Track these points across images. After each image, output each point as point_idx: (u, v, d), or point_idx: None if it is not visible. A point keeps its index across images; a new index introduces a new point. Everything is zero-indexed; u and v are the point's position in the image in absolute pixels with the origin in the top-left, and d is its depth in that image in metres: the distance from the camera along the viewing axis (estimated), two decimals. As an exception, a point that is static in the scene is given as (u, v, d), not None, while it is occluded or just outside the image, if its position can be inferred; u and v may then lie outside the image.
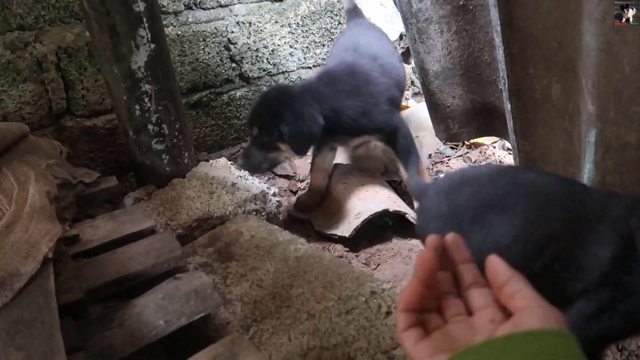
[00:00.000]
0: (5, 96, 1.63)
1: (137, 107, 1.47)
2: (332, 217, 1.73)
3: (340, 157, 2.06)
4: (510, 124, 1.76)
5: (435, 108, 2.10)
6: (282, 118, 1.47)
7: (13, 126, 1.44)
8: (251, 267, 1.24)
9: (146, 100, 1.47)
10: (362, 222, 1.61)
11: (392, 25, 2.48)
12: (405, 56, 2.44)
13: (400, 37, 2.41)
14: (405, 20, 1.92)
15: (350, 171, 1.92)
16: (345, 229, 1.63)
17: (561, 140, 1.66)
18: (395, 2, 2.13)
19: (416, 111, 2.42)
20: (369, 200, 1.70)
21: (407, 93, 2.67)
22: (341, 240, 1.64)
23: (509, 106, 1.68)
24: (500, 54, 1.59)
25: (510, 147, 2.09)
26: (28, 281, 0.98)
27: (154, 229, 1.34)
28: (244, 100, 2.17)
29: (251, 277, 1.21)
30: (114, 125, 1.86)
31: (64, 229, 1.18)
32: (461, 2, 1.79)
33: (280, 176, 2.12)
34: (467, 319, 0.56)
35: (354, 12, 2.07)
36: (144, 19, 1.35)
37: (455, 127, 2.10)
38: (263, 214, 1.54)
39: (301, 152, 1.55)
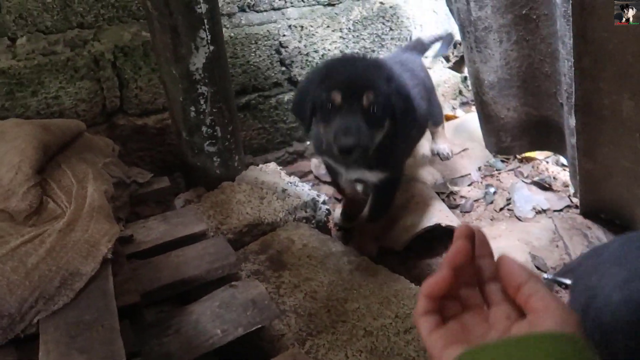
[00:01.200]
0: (63, 93, 1.65)
1: (193, 108, 1.46)
2: (384, 229, 1.69)
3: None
4: (571, 139, 1.68)
5: (487, 119, 2.03)
6: (394, 88, 1.23)
7: (71, 123, 1.45)
8: (304, 277, 1.21)
9: (202, 102, 1.46)
10: (413, 235, 1.56)
11: (442, 32, 2.43)
12: (458, 65, 2.38)
13: (454, 45, 2.36)
14: (462, 28, 1.87)
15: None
16: (394, 242, 1.59)
17: (627, 159, 1.57)
18: (451, 10, 2.07)
19: (465, 121, 2.36)
20: (420, 213, 1.65)
21: (455, 102, 2.61)
22: (390, 252, 1.59)
23: (572, 121, 1.61)
24: (566, 66, 1.52)
25: (567, 164, 2.01)
26: (88, 282, 0.98)
27: (206, 232, 1.32)
28: (291, 104, 2.15)
29: (305, 288, 1.18)
30: (164, 125, 1.86)
31: (120, 229, 1.17)
32: (524, 12, 1.72)
33: (324, 183, 2.09)
34: (483, 312, 0.57)
35: (414, 46, 2.04)
36: (205, 21, 1.34)
37: (507, 139, 2.03)
38: (313, 222, 1.51)
39: (404, 134, 1.32)
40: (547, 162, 2.13)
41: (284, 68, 2.08)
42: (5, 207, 1.14)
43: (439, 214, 1.64)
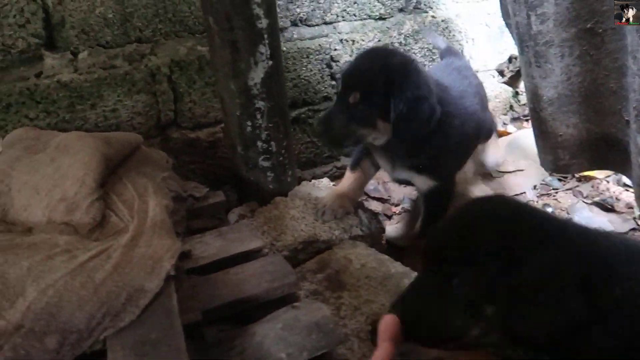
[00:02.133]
0: (120, 106, 1.68)
1: (249, 123, 1.46)
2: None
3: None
4: (638, 159, 1.60)
5: (544, 136, 1.95)
6: (397, 90, 1.22)
7: (130, 136, 1.47)
8: (364, 299, 1.17)
9: (258, 116, 1.45)
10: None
11: (495, 46, 2.37)
12: (513, 80, 2.31)
13: (510, 60, 2.29)
14: (521, 42, 1.81)
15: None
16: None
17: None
18: (507, 24, 2.01)
19: (518, 138, 2.28)
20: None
21: (506, 118, 2.54)
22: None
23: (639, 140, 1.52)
24: (636, 83, 1.44)
25: (631, 184, 1.91)
26: (152, 298, 0.96)
27: (262, 249, 1.30)
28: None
29: (365, 310, 1.14)
30: (215, 139, 1.87)
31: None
32: (588, 25, 1.65)
33: (373, 198, 2.05)
34: None
35: (448, 51, 1.99)
36: (265, 36, 1.34)
37: (565, 157, 1.95)
38: (368, 240, 1.48)
39: (403, 137, 1.31)
40: (608, 182, 2.03)
41: (334, 82, 2.07)
42: (70, 220, 1.15)
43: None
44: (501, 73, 2.29)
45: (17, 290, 0.92)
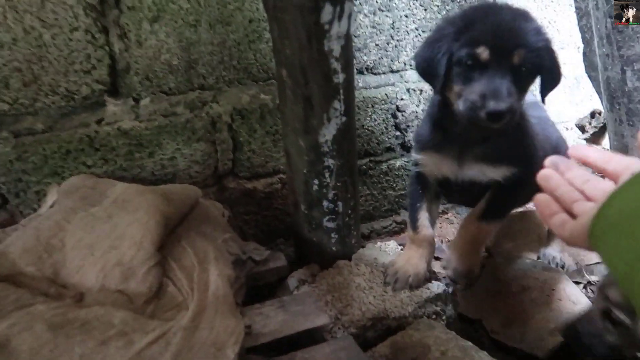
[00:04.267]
0: (179, 154, 1.61)
1: (316, 181, 1.35)
2: (513, 324, 1.45)
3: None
4: None
5: (631, 200, 1.77)
6: (546, 46, 1.10)
7: (190, 191, 1.38)
8: (449, 399, 1.01)
9: (327, 175, 1.34)
10: (562, 342, 1.31)
11: (570, 97, 2.20)
12: (596, 137, 2.13)
13: (592, 115, 2.12)
14: (611, 99, 1.65)
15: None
16: (535, 345, 1.35)
17: None
18: (590, 77, 1.86)
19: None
20: (566, 312, 1.40)
21: (578, 173, 2.34)
22: (529, 357, 1.35)
23: None
24: None
25: None
26: (214, 395, 0.84)
27: (328, 327, 1.17)
28: (402, 170, 2.00)
29: (452, 414, 0.98)
30: (272, 189, 1.77)
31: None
32: (694, 84, 1.49)
33: (436, 259, 1.89)
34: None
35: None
36: (341, 91, 1.24)
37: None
38: (443, 317, 1.32)
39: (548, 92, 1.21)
40: None
41: (398, 133, 1.95)
42: (125, 289, 1.05)
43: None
44: (582, 129, 2.12)
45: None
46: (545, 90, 1.21)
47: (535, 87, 2.04)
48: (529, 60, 1.08)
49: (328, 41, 1.16)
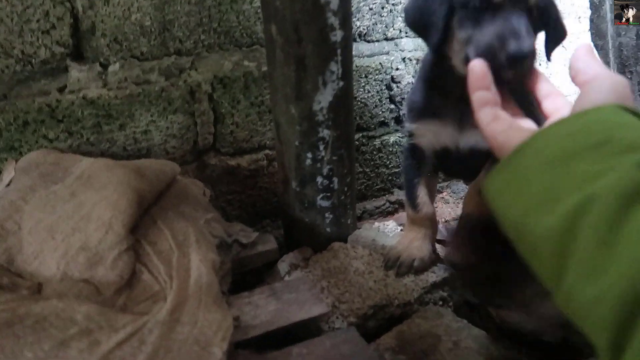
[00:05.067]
0: (153, 127, 1.44)
1: (310, 155, 1.20)
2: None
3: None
4: None
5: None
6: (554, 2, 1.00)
7: (166, 166, 1.23)
8: (466, 396, 0.90)
9: (321, 148, 1.20)
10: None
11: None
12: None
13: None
14: (622, 67, 1.54)
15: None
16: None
17: None
18: (597, 46, 1.75)
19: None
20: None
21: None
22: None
23: None
24: None
25: None
26: (198, 403, 0.70)
27: (328, 317, 1.04)
28: (396, 146, 1.87)
29: (471, 414, 0.86)
30: (258, 167, 1.62)
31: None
32: None
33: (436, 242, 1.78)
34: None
35: None
36: (339, 51, 1.09)
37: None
38: (450, 303, 1.20)
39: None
40: None
41: (392, 106, 1.82)
42: (91, 278, 0.90)
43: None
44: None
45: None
46: (550, 45, 1.07)
47: (538, 61, 1.93)
48: (542, 2, 0.94)
49: (324, -9, 1.01)
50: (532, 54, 0.89)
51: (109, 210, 0.97)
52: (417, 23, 1.04)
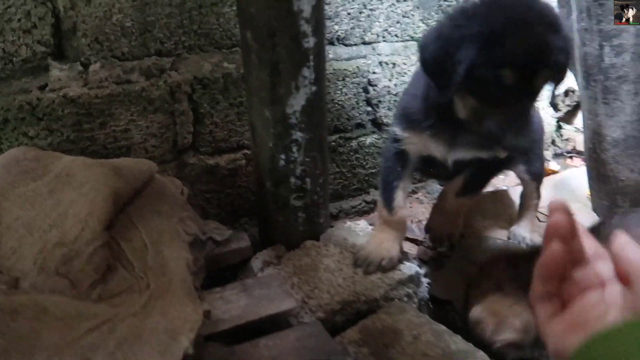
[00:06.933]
0: (133, 126, 1.48)
1: (283, 156, 1.25)
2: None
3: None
4: None
5: (602, 179, 1.75)
6: (570, 50, 1.05)
7: (143, 165, 1.26)
8: (423, 386, 0.95)
9: (294, 149, 1.24)
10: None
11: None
12: (569, 115, 2.11)
13: (566, 93, 2.09)
14: (586, 75, 1.61)
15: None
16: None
17: None
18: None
19: (567, 178, 2.07)
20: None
21: (547, 154, 2.33)
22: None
23: None
24: None
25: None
26: (165, 390, 0.75)
27: (295, 311, 1.09)
28: (372, 148, 1.93)
29: (426, 403, 0.92)
30: (236, 166, 1.66)
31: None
32: (672, 61, 1.46)
33: (407, 240, 1.83)
34: (599, 290, 0.55)
35: None
36: (311, 57, 1.14)
37: (625, 204, 1.75)
38: (415, 300, 1.26)
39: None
40: (670, 233, 1.81)
41: (369, 108, 1.87)
42: (67, 272, 0.93)
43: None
44: (555, 107, 2.09)
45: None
46: (554, 90, 1.17)
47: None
48: (551, 77, 1.03)
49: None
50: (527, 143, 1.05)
51: (85, 208, 1.01)
52: (433, 70, 1.06)
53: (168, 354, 0.79)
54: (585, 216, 1.89)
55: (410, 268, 1.27)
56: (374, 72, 1.82)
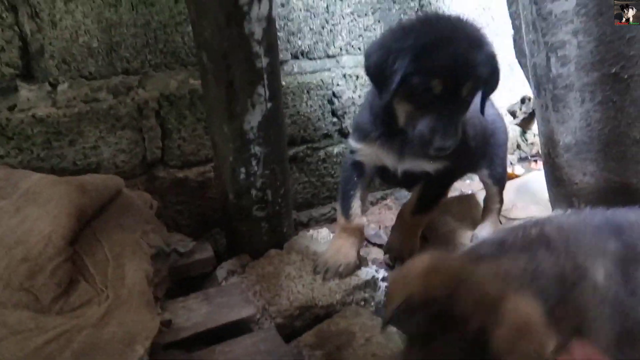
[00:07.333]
0: (102, 143, 1.53)
1: (243, 169, 1.31)
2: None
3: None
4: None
5: (558, 183, 1.83)
6: (487, 58, 1.14)
7: (110, 181, 1.31)
8: (371, 385, 1.02)
9: (254, 163, 1.31)
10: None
11: (504, 83, 2.25)
12: (526, 122, 2.19)
13: (522, 101, 2.17)
14: (538, 85, 1.69)
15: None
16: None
17: None
18: (520, 63, 1.90)
19: (528, 182, 2.15)
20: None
21: (513, 158, 2.41)
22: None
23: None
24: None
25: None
26: (120, 395, 0.80)
27: (254, 318, 1.15)
28: (340, 157, 1.99)
29: (372, 400, 0.98)
30: (205, 178, 1.72)
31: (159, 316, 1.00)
32: (613, 70, 1.54)
33: (374, 245, 1.90)
34: None
35: None
36: (265, 76, 1.20)
37: (580, 206, 1.83)
38: (372, 303, 1.32)
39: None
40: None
41: (335, 119, 1.93)
42: (31, 287, 0.98)
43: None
44: (513, 114, 2.17)
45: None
46: (484, 100, 1.27)
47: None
48: (476, 88, 1.16)
49: (248, 23, 1.12)
50: (454, 146, 1.12)
51: (49, 225, 1.06)
52: (374, 76, 1.20)
53: (123, 362, 0.84)
54: (545, 218, 1.98)
55: (367, 273, 1.33)
56: (338, 85, 1.88)
